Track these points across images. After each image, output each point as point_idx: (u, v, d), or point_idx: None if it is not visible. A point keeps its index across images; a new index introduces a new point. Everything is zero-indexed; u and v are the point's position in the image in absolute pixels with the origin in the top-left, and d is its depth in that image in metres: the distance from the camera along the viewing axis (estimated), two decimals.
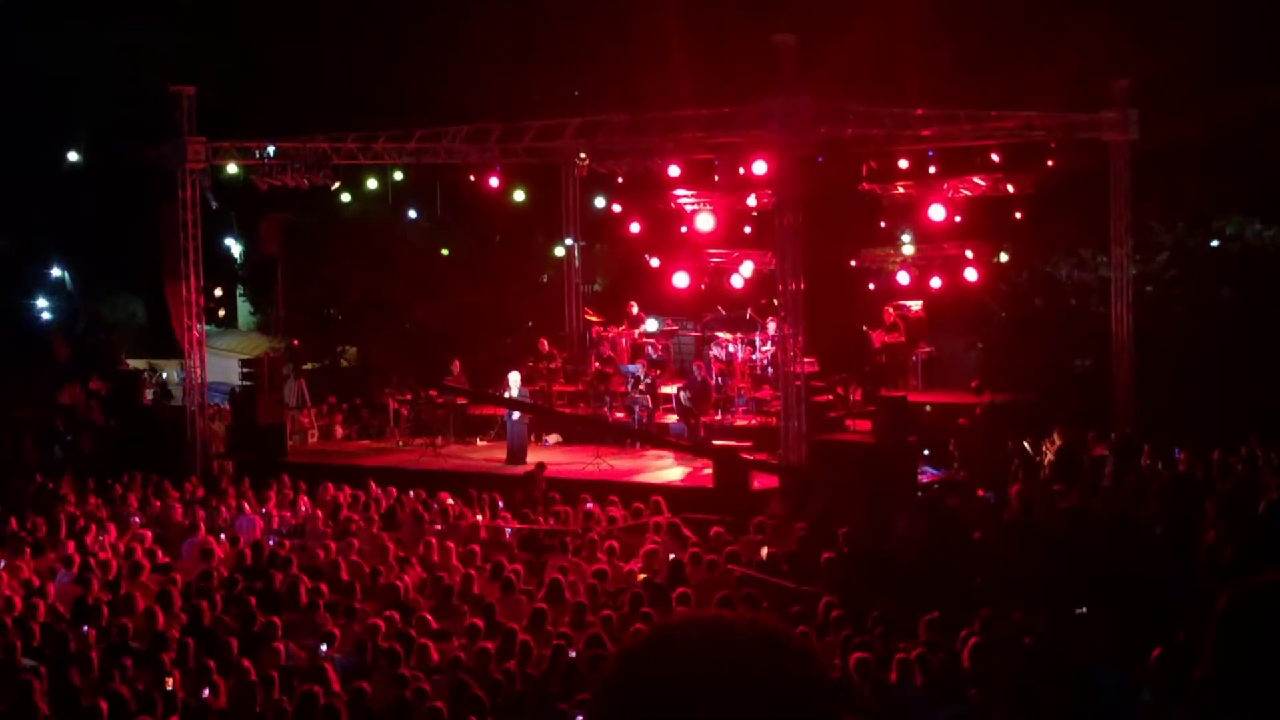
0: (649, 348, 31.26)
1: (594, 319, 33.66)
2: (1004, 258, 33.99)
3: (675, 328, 32.65)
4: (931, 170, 30.99)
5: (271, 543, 20.62)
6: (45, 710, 12.58)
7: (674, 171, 31.82)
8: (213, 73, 33.09)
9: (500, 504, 23.50)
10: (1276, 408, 25.45)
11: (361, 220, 38.30)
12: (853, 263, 34.02)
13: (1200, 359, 28.67)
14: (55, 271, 43.36)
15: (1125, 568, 17.01)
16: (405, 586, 17.56)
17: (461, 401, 30.70)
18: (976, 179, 31.28)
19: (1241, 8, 32.17)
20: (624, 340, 31.38)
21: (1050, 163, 30.07)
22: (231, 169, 30.54)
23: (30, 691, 12.84)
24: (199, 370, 29.95)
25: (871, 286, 33.46)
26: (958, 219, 31.73)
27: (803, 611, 15.66)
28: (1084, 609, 14.82)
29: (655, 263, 34.80)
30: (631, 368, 29.67)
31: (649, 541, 20.03)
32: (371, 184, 35.60)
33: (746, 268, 32.56)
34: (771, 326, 28.63)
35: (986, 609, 15.35)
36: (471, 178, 33.91)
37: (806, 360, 26.10)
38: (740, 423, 28.47)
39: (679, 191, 32.86)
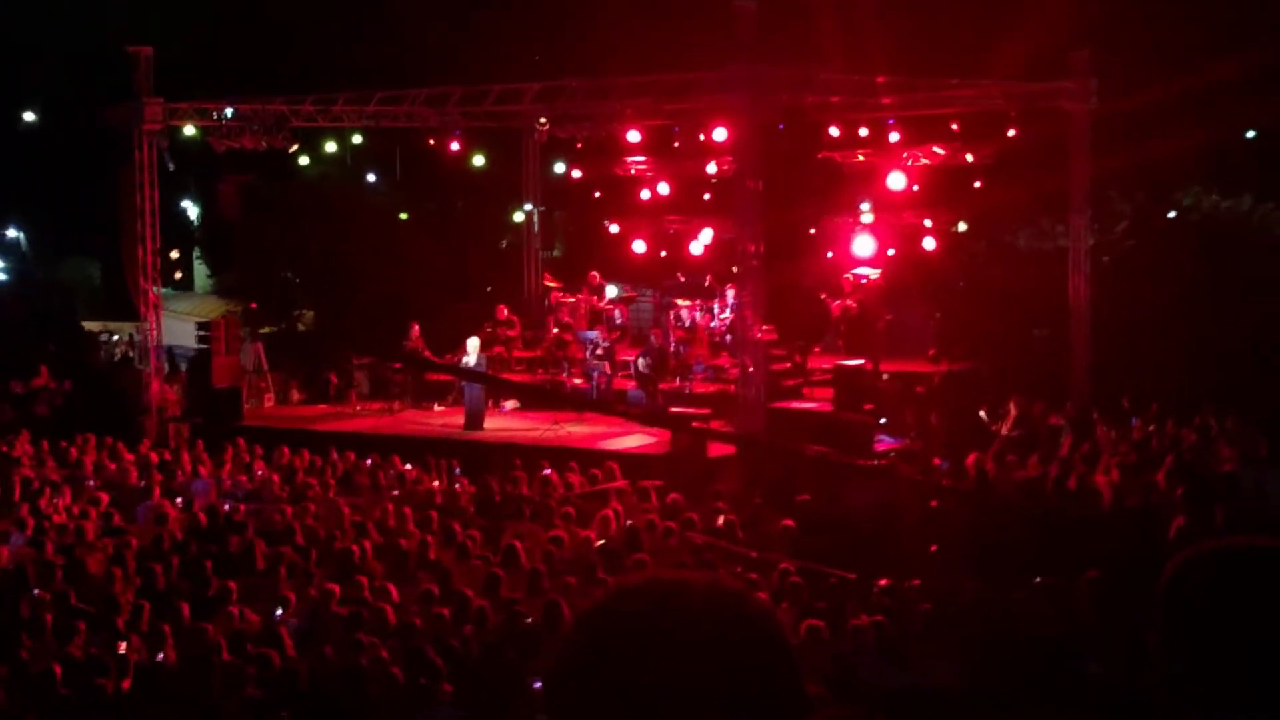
0: (615, 312, 31.24)
1: (553, 284, 33.61)
2: (963, 227, 34.04)
3: (634, 294, 32.61)
4: (892, 138, 30.98)
5: (227, 507, 20.54)
6: None
7: (634, 137, 31.69)
8: (171, 33, 32.76)
9: (457, 469, 23.46)
10: (1232, 378, 25.61)
11: (320, 183, 38.09)
12: (812, 230, 33.99)
13: (1157, 329, 28.79)
14: (11, 233, 43.03)
15: (1081, 537, 17.10)
16: (361, 552, 17.51)
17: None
18: (936, 148, 31.25)
19: None
20: (583, 306, 31.31)
21: (1010, 132, 30.04)
22: (189, 130, 30.32)
23: None
24: (155, 333, 29.79)
25: (830, 254, 33.41)
26: (917, 187, 31.69)
27: (759, 579, 15.67)
28: (1039, 579, 14.87)
29: (615, 229, 34.76)
30: (590, 334, 29.61)
31: (606, 508, 20.00)
32: (330, 147, 35.42)
33: (706, 235, 32.55)
34: (730, 294, 28.63)
35: (941, 578, 15.40)
36: (431, 142, 33.76)
37: (765, 328, 26.12)
38: (698, 390, 28.50)
39: (638, 158, 32.81)
